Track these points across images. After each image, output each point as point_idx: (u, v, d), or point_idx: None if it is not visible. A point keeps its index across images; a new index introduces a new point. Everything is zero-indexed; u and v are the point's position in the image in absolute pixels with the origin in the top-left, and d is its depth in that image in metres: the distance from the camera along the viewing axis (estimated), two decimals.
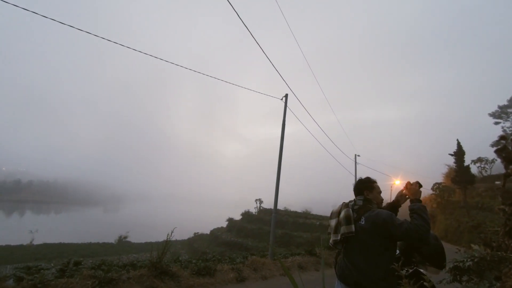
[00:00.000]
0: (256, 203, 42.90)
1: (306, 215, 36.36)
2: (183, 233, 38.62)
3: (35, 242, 32.20)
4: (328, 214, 2.53)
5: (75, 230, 50.11)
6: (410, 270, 2.02)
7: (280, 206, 39.61)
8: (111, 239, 40.36)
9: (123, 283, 4.41)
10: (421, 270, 2.05)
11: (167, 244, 5.20)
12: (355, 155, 25.25)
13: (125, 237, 41.30)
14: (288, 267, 7.49)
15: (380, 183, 2.55)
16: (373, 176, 2.51)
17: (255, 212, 41.66)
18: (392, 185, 39.37)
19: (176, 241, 36.11)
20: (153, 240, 37.21)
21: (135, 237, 42.36)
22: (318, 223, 30.10)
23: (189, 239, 41.68)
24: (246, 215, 40.36)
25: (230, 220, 41.13)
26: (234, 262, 6.90)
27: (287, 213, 37.37)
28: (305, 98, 11.68)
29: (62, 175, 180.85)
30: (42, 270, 4.52)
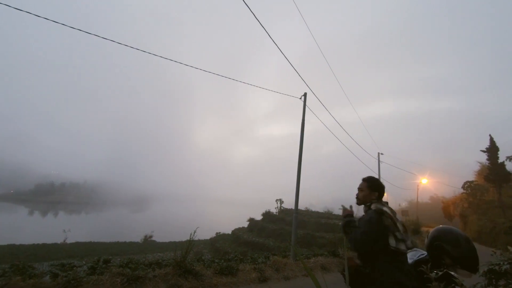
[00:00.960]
0: (277, 203, 42.76)
1: (328, 215, 35.73)
2: (205, 233, 39.28)
3: (68, 241, 34.08)
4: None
5: (104, 230, 52.54)
6: (440, 273, 1.93)
7: (301, 206, 39.22)
8: (137, 238, 41.87)
9: (149, 281, 4.55)
10: (452, 273, 1.95)
11: (190, 244, 5.30)
12: (378, 153, 24.51)
13: (150, 237, 42.66)
14: (311, 268, 7.39)
15: (405, 182, 2.52)
16: (398, 174, 2.44)
17: (276, 212, 41.53)
18: (419, 184, 37.78)
19: (198, 240, 36.80)
20: (176, 239, 38.15)
21: (160, 237, 43.64)
22: (340, 223, 29.44)
23: (211, 238, 42.24)
24: (267, 215, 40.29)
25: (251, 220, 41.22)
26: (256, 262, 6.91)
27: (308, 213, 36.93)
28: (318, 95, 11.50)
29: (91, 177, 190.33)
30: (74, 267, 4.77)
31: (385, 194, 2.34)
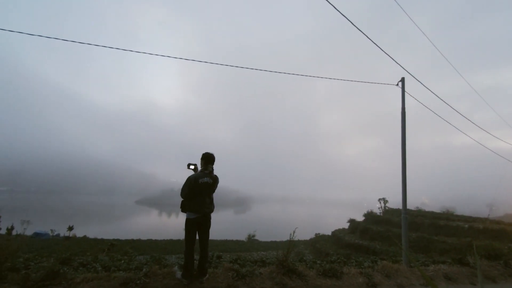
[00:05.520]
0: (380, 202, 39.13)
1: (448, 216, 30.22)
2: (304, 233, 39.44)
3: None
4: (481, 215, 2.01)
5: (214, 228, 59.71)
6: None
7: (410, 206, 34.66)
8: (242, 237, 45.52)
9: (256, 278, 4.86)
10: None
11: (291, 244, 5.39)
12: None
13: (253, 236, 45.65)
14: (430, 276, 6.38)
15: None
16: None
17: (380, 212, 37.96)
18: None
19: (298, 241, 37.31)
20: (277, 239, 39.51)
21: (262, 236, 46.19)
22: (466, 226, 24.44)
23: (311, 239, 42.00)
24: (370, 216, 37.24)
25: (352, 221, 38.94)
26: (362, 266, 6.45)
27: (420, 213, 32.22)
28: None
29: None
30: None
31: None
